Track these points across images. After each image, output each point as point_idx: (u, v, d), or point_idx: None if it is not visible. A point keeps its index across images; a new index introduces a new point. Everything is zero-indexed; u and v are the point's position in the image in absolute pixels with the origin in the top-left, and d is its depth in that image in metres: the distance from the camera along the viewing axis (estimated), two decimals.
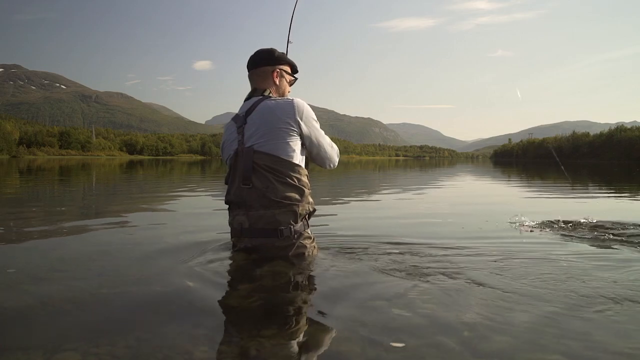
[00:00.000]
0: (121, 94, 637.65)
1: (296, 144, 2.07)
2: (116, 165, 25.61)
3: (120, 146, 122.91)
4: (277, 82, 2.24)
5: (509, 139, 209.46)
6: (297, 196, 2.04)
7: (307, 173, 2.15)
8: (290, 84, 2.33)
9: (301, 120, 2.07)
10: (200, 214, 4.45)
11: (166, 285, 1.84)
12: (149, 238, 2.90)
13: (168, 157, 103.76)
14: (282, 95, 2.27)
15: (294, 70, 2.34)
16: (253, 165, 2.01)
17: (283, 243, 2.02)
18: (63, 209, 4.89)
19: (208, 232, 3.07)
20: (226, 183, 2.17)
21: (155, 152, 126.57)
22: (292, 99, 2.10)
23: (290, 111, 2.05)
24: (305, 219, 2.12)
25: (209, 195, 7.19)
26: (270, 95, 2.18)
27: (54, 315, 1.54)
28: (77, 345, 1.26)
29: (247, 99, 2.22)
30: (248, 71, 2.27)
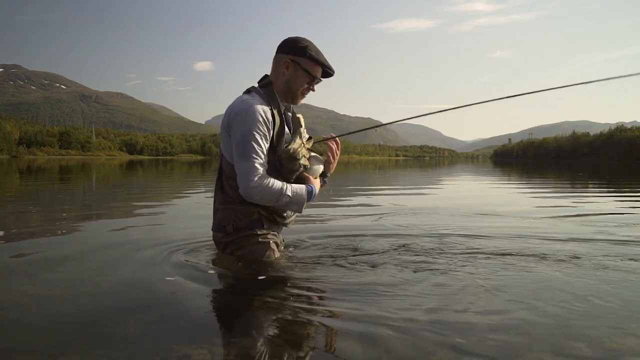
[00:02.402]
0: (121, 94, 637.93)
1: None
2: (116, 166, 25.60)
3: (120, 146, 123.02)
4: (285, 74, 2.05)
5: (509, 139, 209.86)
6: (240, 198, 1.96)
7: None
8: (311, 82, 2.09)
9: (229, 129, 1.97)
10: (194, 215, 4.43)
11: (164, 286, 1.85)
12: (147, 239, 2.89)
13: (168, 157, 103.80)
14: (290, 90, 2.07)
15: (326, 73, 2.11)
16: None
17: (225, 239, 2.07)
18: (63, 209, 4.88)
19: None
20: None
21: (155, 152, 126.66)
22: (240, 103, 1.95)
23: (225, 117, 1.99)
24: (258, 220, 2.04)
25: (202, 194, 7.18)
26: (252, 89, 2.05)
27: (53, 317, 1.53)
28: (77, 347, 1.27)
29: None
30: None
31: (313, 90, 2.13)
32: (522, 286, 1.85)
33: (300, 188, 2.00)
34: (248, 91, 2.06)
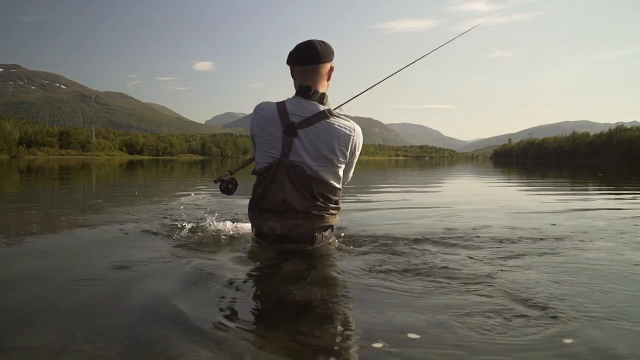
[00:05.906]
0: (121, 94, 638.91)
1: (341, 169, 2.10)
2: (116, 165, 25.57)
3: (120, 146, 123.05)
4: (328, 81, 2.14)
5: (509, 139, 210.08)
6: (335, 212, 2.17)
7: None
8: None
9: (350, 155, 2.10)
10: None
11: (166, 286, 1.80)
12: (149, 238, 2.84)
13: (168, 157, 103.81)
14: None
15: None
16: (300, 184, 1.99)
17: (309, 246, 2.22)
18: (64, 209, 4.83)
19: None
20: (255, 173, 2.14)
21: (155, 152, 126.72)
22: (354, 130, 2.06)
23: (346, 144, 2.04)
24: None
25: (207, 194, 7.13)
26: (329, 107, 2.06)
27: (55, 315, 1.52)
28: (79, 346, 1.27)
29: (302, 95, 2.04)
30: (297, 65, 2.05)
31: None
32: None
33: None
34: (329, 113, 2.05)
